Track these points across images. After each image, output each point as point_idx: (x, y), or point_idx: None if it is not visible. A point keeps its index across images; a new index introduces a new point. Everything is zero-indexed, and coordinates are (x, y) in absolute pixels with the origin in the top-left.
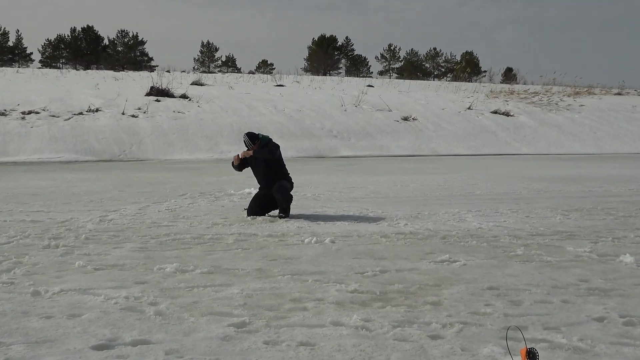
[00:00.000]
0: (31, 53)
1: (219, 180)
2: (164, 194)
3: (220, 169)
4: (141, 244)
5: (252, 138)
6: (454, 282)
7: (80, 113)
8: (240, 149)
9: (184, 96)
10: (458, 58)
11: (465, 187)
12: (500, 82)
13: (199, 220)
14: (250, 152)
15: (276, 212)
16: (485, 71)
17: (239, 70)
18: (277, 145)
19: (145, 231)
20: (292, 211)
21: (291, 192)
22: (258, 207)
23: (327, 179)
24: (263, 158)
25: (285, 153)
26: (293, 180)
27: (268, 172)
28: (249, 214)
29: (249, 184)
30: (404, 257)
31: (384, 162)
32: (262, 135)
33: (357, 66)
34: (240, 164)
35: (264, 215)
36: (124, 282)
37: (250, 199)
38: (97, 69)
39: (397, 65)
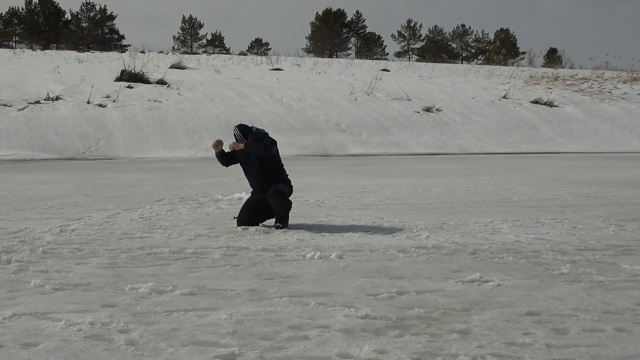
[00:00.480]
0: None
1: (204, 183)
2: (137, 199)
3: (205, 169)
4: (110, 260)
5: (245, 131)
6: (486, 307)
7: (37, 102)
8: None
9: (161, 82)
10: (491, 37)
11: (500, 192)
12: (542, 66)
13: (179, 231)
14: (241, 145)
15: (272, 221)
16: (523, 53)
17: (227, 51)
18: (274, 140)
19: (114, 244)
20: (291, 220)
21: (290, 198)
22: (250, 215)
23: (333, 182)
24: (257, 155)
25: (283, 151)
26: (292, 184)
27: (262, 173)
28: (239, 224)
29: (239, 188)
30: (426, 276)
31: (401, 162)
32: (256, 128)
33: (370, 46)
34: (226, 157)
35: (257, 225)
36: (89, 304)
37: (241, 205)
38: (57, 48)
39: (418, 45)
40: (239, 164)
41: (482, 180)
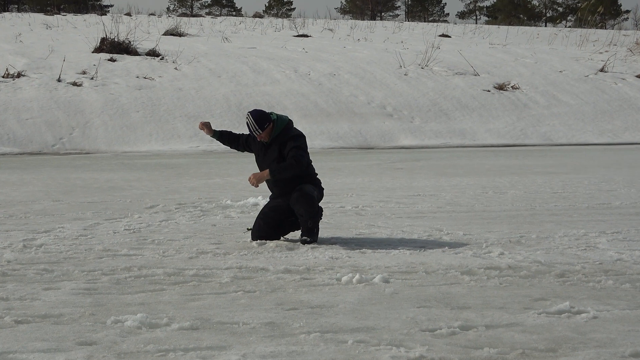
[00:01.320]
0: None
1: (208, 184)
2: (122, 205)
3: (210, 166)
4: (87, 284)
5: (261, 120)
6: (577, 346)
7: None
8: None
9: (153, 53)
10: None
11: (597, 195)
12: None
13: (176, 246)
14: (262, 176)
15: (296, 234)
16: (627, 12)
17: (238, 13)
18: (302, 134)
19: (93, 264)
20: (322, 233)
21: (320, 204)
22: (269, 226)
23: (377, 182)
24: (277, 149)
25: (312, 142)
26: (323, 185)
27: None
28: (254, 238)
29: (254, 191)
30: (499, 305)
31: (467, 156)
32: (276, 115)
33: (425, 5)
34: (227, 138)
35: (278, 239)
36: (61, 341)
37: (257, 214)
38: (18, 10)
39: (488, 3)
40: (250, 152)
41: (573, 180)
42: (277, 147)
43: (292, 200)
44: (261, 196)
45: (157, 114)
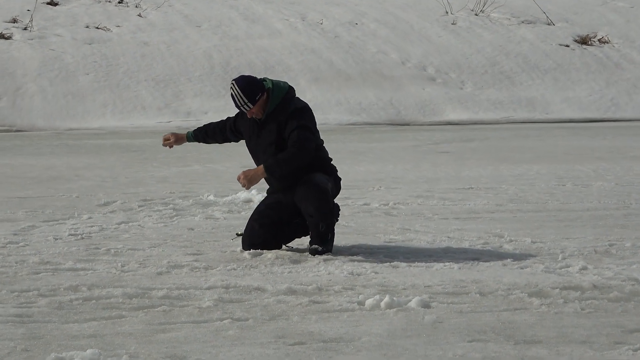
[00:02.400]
0: None
1: (184, 173)
2: (67, 202)
3: (186, 148)
4: (19, 308)
5: (251, 89)
6: None
7: None
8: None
9: None
10: None
11: None
12: None
13: (140, 258)
14: (254, 174)
15: (303, 241)
16: None
17: None
18: (307, 107)
19: (27, 281)
20: (338, 240)
21: (336, 200)
22: (266, 231)
23: (414, 171)
24: (275, 130)
25: (325, 116)
26: (340, 175)
27: None
28: (246, 247)
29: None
30: (580, 338)
31: (536, 135)
32: (271, 82)
33: None
34: (212, 135)
35: (279, 248)
36: None
37: (250, 214)
38: None
39: None
40: (242, 140)
41: None
42: (274, 126)
43: (299, 196)
44: (255, 190)
45: (113, 78)
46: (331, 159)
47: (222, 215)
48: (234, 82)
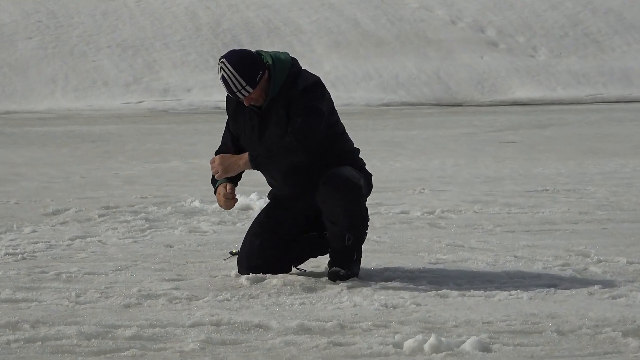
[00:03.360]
0: None
1: (160, 170)
2: (2, 211)
3: (162, 136)
4: None
5: (248, 68)
6: None
7: None
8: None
9: None
10: None
11: None
12: None
13: (101, 285)
14: (238, 163)
15: (319, 262)
16: None
17: None
18: (318, 81)
19: None
20: (367, 259)
21: (366, 204)
22: (270, 248)
23: (468, 167)
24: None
25: (348, 94)
26: (368, 171)
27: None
28: (244, 270)
29: (245, 182)
30: None
31: (634, 120)
32: (273, 56)
33: None
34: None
35: (287, 271)
36: None
37: (249, 225)
38: None
39: None
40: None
41: None
42: (282, 114)
43: (323, 194)
44: (256, 193)
45: (65, 44)
46: (358, 150)
47: (211, 228)
48: (224, 60)
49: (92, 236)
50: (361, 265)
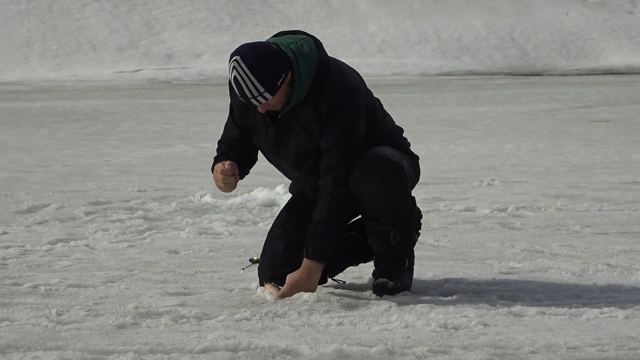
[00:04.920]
0: None
1: (161, 156)
2: None
3: (165, 113)
4: None
5: (270, 72)
6: None
7: None
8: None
9: None
10: None
11: None
12: None
13: (89, 300)
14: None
15: (360, 271)
16: None
17: None
18: (354, 93)
19: None
20: (422, 268)
21: (415, 196)
22: (297, 254)
23: (549, 152)
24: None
25: (398, 60)
26: (412, 156)
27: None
28: (266, 279)
29: (267, 172)
30: None
31: None
32: (292, 49)
33: None
34: (242, 162)
35: (322, 283)
36: None
37: (271, 226)
38: None
39: None
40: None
41: None
42: (311, 123)
43: (357, 180)
44: (282, 185)
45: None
46: (401, 130)
47: (226, 229)
48: (237, 58)
49: (78, 239)
50: (414, 275)
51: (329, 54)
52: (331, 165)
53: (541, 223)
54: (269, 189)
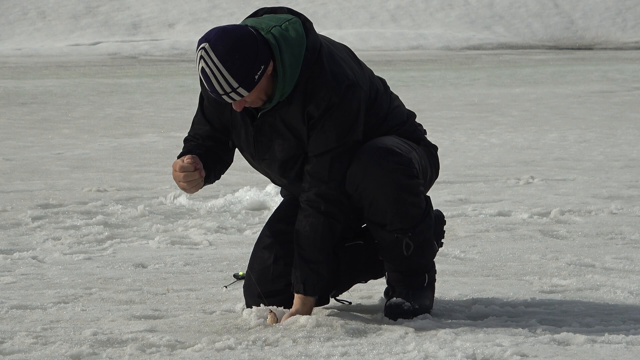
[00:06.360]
0: None
1: (126, 147)
2: None
3: (130, 95)
4: None
5: (246, 65)
6: None
7: None
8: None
9: None
10: None
11: None
12: None
13: (36, 324)
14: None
15: (370, 289)
16: None
17: None
18: (351, 88)
19: None
20: (446, 285)
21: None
22: (291, 263)
23: (601, 143)
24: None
25: (415, 33)
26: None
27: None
28: (251, 301)
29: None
30: None
31: None
32: (275, 34)
33: None
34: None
35: (323, 303)
36: None
37: (259, 233)
38: None
39: None
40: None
41: None
42: (299, 119)
43: (356, 177)
44: (274, 185)
45: None
46: (413, 115)
47: (205, 238)
48: (205, 47)
49: (23, 250)
50: (436, 294)
51: (327, 30)
52: (319, 177)
53: (591, 231)
54: (257, 188)
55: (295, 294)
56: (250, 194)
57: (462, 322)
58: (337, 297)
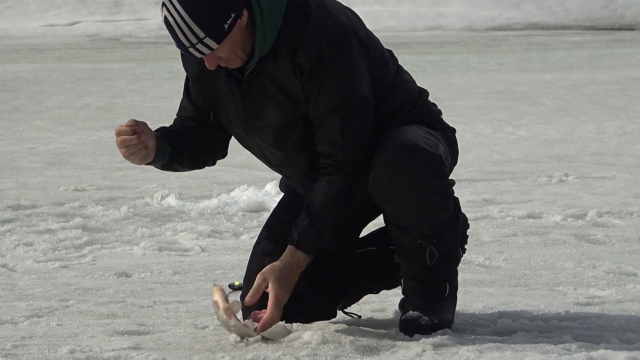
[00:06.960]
0: None
1: (106, 142)
2: None
3: (112, 81)
4: None
5: (210, 11)
6: None
7: None
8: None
9: None
10: None
11: None
12: None
13: (7, 340)
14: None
15: (383, 302)
16: None
17: None
18: (347, 35)
19: None
20: (469, 296)
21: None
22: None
23: None
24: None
25: (435, 11)
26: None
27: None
28: (249, 315)
29: (253, 167)
30: None
31: None
32: None
33: None
34: (176, 151)
35: (329, 317)
36: None
37: (258, 237)
38: None
39: None
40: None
41: None
42: (290, 73)
43: (379, 178)
44: (273, 183)
45: None
46: (425, 93)
47: (197, 243)
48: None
49: None
50: (457, 307)
51: None
52: (333, 142)
53: (633, 235)
54: (255, 187)
55: (288, 245)
56: (247, 193)
57: (486, 338)
58: (345, 310)
